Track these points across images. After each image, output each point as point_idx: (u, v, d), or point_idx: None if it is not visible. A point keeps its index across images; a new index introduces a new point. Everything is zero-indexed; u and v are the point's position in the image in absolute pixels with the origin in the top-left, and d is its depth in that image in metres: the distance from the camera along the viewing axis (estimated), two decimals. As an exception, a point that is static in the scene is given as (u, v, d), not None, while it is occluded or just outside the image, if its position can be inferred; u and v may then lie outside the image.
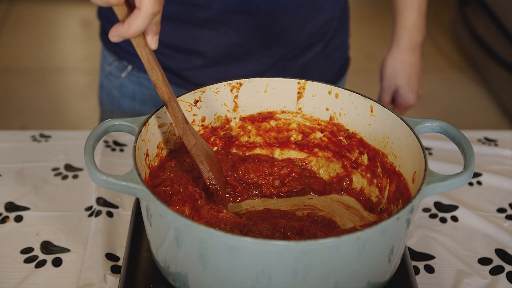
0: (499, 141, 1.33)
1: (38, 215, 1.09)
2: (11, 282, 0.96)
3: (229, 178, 1.00)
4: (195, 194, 0.90)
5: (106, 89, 1.48)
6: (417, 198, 0.80)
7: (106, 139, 1.28)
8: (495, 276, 1.00)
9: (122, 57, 1.39)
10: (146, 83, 1.39)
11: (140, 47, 0.84)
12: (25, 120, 2.96)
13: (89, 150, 0.84)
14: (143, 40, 0.83)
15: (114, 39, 0.81)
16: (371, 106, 0.98)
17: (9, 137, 1.29)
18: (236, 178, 1.01)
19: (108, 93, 1.47)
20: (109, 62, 1.43)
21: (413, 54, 1.43)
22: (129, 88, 1.41)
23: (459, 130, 0.91)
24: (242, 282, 0.77)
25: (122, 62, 1.40)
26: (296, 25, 1.31)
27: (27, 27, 3.77)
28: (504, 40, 3.02)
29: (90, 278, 0.96)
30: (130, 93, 1.42)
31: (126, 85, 1.42)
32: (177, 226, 0.77)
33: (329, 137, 1.05)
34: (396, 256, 0.85)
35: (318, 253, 0.75)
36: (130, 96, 1.42)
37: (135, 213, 1.00)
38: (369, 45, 3.53)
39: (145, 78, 1.39)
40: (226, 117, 1.03)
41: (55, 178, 1.18)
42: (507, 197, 1.17)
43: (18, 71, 3.37)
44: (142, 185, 0.79)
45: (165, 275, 0.86)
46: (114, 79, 1.43)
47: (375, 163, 1.00)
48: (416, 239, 1.06)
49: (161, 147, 0.96)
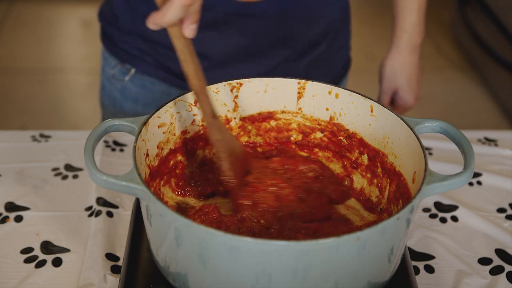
0: (499, 141, 1.33)
1: (38, 215, 1.09)
2: (11, 282, 0.96)
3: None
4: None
5: (108, 92, 1.47)
6: (417, 198, 0.80)
7: (106, 139, 1.28)
8: (495, 276, 1.00)
9: (125, 60, 1.38)
10: (149, 86, 1.38)
11: (174, 37, 0.84)
12: (25, 120, 2.96)
13: (89, 150, 0.84)
14: (178, 31, 0.82)
15: (151, 26, 0.81)
16: (371, 106, 0.98)
17: (9, 137, 1.29)
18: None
19: (109, 96, 1.46)
20: (112, 65, 1.42)
21: (413, 56, 1.43)
22: (131, 90, 1.41)
23: (459, 130, 0.91)
24: (242, 282, 0.77)
25: (125, 65, 1.39)
26: (301, 28, 1.30)
27: (27, 27, 3.77)
28: (504, 40, 3.01)
29: (90, 278, 0.96)
30: (133, 95, 1.41)
31: (128, 88, 1.41)
32: (177, 226, 0.77)
33: (329, 137, 1.05)
34: (396, 256, 0.85)
35: (318, 253, 0.75)
36: (133, 99, 1.41)
37: (135, 213, 1.00)
38: (369, 45, 3.53)
39: (148, 81, 1.38)
40: (226, 117, 1.03)
41: (55, 178, 1.18)
42: (507, 197, 1.17)
43: (18, 71, 3.37)
44: (142, 185, 0.79)
45: (165, 275, 0.86)
46: (116, 82, 1.43)
47: (375, 163, 1.00)
48: (416, 239, 1.06)
49: (161, 147, 0.96)
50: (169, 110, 0.95)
